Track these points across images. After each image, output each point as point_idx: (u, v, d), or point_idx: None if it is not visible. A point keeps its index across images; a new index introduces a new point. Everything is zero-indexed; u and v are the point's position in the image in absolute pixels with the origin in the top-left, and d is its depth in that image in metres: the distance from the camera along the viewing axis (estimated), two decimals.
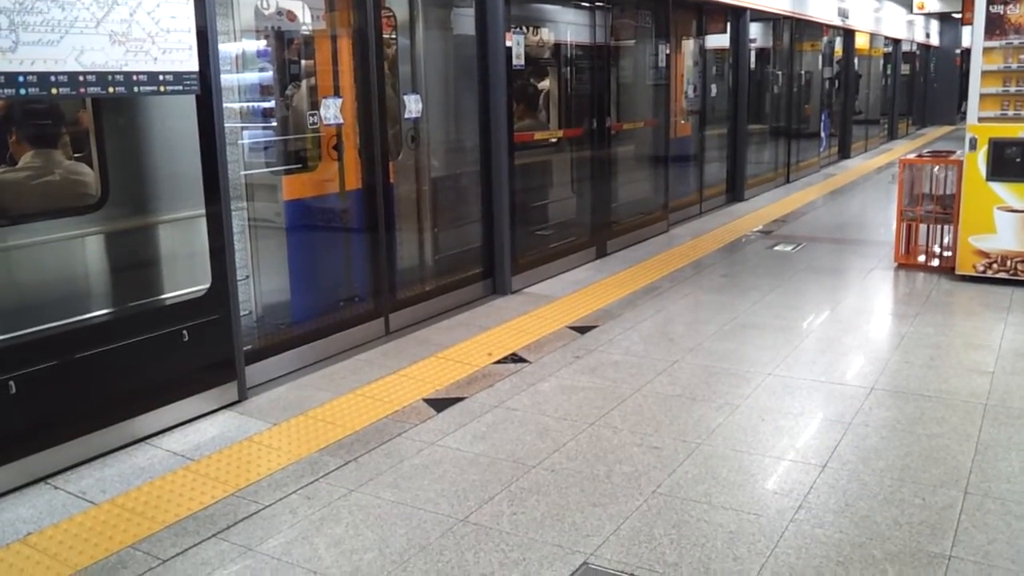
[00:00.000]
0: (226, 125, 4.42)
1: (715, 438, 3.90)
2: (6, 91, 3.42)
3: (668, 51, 9.02)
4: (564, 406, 4.31)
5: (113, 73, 3.76)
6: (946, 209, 7.10)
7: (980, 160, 6.54)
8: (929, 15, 23.65)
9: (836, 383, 4.59)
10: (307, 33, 5.45)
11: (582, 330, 5.57)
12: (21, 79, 3.45)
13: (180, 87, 4.06)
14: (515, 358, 5.06)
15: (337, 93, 5.28)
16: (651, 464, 3.65)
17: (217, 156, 4.25)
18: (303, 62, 5.48)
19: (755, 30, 11.53)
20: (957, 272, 6.74)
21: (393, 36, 5.94)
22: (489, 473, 3.61)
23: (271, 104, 5.17)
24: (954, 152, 7.47)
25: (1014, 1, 6.42)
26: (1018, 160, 6.43)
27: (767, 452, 3.78)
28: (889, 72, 20.70)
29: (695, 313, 6.04)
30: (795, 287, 6.70)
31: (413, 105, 5.79)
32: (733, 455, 3.74)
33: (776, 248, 8.15)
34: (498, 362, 5.00)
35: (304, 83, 5.47)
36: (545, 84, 8.10)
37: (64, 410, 3.73)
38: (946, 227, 7.16)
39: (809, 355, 5.04)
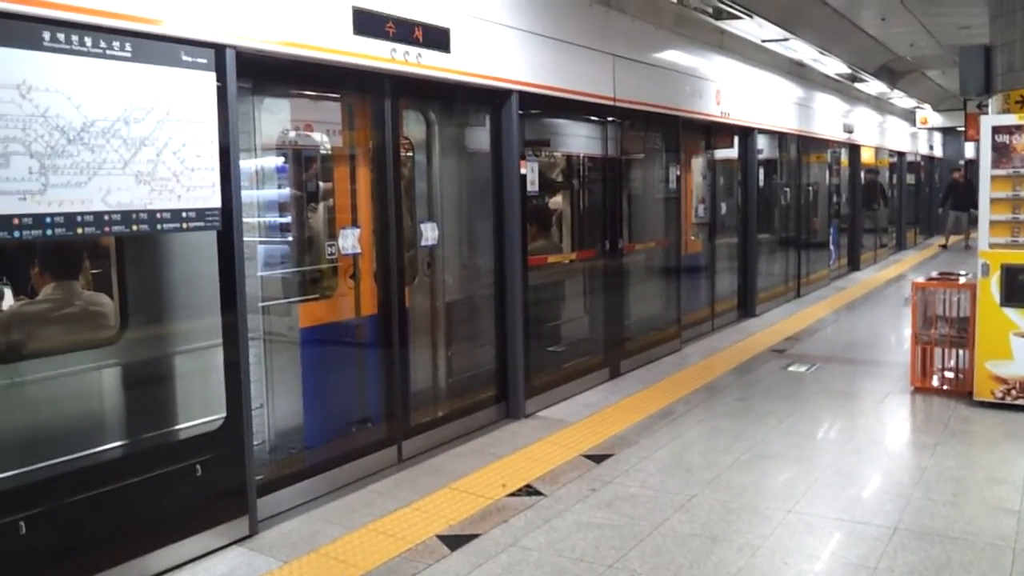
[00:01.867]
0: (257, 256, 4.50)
1: None
2: (33, 232, 3.47)
3: (679, 172, 9.17)
4: (580, 546, 4.22)
5: (137, 211, 3.84)
6: (961, 332, 7.09)
7: (993, 286, 6.56)
8: (932, 129, 24.15)
9: (858, 522, 4.49)
10: (327, 185, 5.60)
11: (597, 459, 5.50)
12: (48, 220, 3.52)
13: (202, 223, 4.13)
14: (530, 490, 4.98)
15: (355, 223, 5.36)
16: None
17: (236, 289, 4.29)
18: (320, 191, 5.61)
19: (762, 141, 11.76)
20: (975, 398, 6.68)
21: (410, 155, 6.07)
22: None
23: (290, 239, 5.28)
24: (962, 272, 7.52)
25: (1019, 132, 6.54)
26: None
27: None
28: (895, 183, 21.00)
29: (711, 441, 5.97)
30: (811, 412, 6.64)
31: (429, 233, 5.88)
32: None
33: (790, 368, 8.11)
34: (512, 494, 4.92)
35: (322, 206, 5.58)
36: (558, 203, 8.23)
37: (74, 550, 3.67)
38: (962, 351, 7.13)
39: (829, 490, 4.95)
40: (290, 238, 5.41)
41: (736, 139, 11.29)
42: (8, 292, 4.23)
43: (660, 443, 5.84)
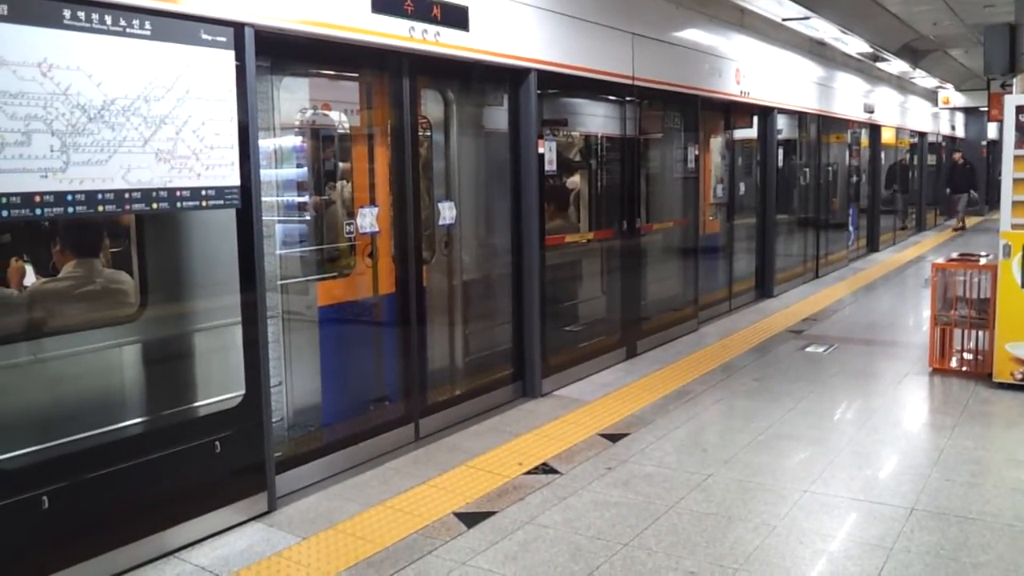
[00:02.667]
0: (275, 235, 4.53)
1: (753, 563, 3.81)
2: (55, 209, 3.50)
3: (697, 152, 9.12)
4: (597, 524, 4.24)
5: (157, 189, 3.86)
6: (981, 314, 7.04)
7: (1015, 267, 6.50)
8: (955, 109, 23.88)
9: (875, 502, 4.48)
10: (345, 165, 5.63)
11: (613, 438, 5.51)
12: (70, 198, 3.55)
13: (221, 201, 4.15)
14: (546, 468, 5.00)
15: (373, 202, 5.37)
16: None
17: (255, 267, 4.31)
18: (338, 170, 5.62)
19: (781, 121, 11.66)
20: (994, 379, 6.64)
21: (428, 135, 6.06)
22: None
23: (307, 219, 5.30)
24: (983, 254, 7.46)
25: None
26: None
27: None
28: (915, 163, 20.81)
29: (728, 421, 5.97)
30: (829, 393, 6.62)
31: (447, 212, 5.88)
32: None
33: (808, 349, 8.08)
34: (529, 472, 4.94)
35: (339, 185, 5.60)
36: (576, 182, 8.21)
37: (96, 524, 3.72)
38: (981, 332, 7.08)
39: (846, 470, 4.95)
40: (308, 217, 5.43)
41: (755, 119, 11.22)
42: (30, 270, 4.27)
43: (676, 423, 5.85)
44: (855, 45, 13.90)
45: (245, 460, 4.32)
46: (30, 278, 4.34)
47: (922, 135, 21.15)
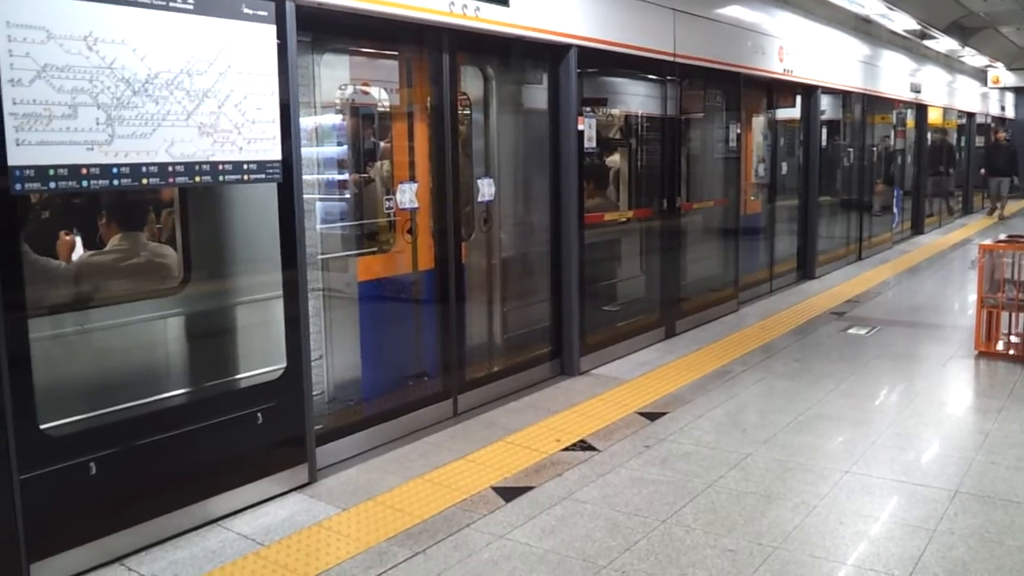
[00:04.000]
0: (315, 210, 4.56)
1: (792, 542, 3.78)
2: (100, 182, 3.55)
3: (739, 131, 9.01)
4: (635, 500, 4.23)
5: (200, 163, 3.89)
6: None
7: None
8: (1005, 89, 23.33)
9: (918, 484, 4.42)
10: (384, 141, 5.64)
11: (652, 416, 5.49)
12: (115, 171, 3.59)
13: (263, 175, 4.17)
14: (584, 445, 5.00)
15: (412, 179, 5.38)
16: (725, 569, 3.54)
17: (296, 241, 4.34)
18: (378, 146, 5.64)
19: (825, 101, 11.48)
20: None
21: (467, 112, 6.06)
22: (559, 572, 3.54)
23: (348, 195, 5.33)
24: None
25: None
26: None
27: (847, 559, 3.65)
28: (963, 145, 20.38)
29: (768, 401, 5.92)
30: (871, 375, 6.53)
31: (486, 189, 5.87)
32: (812, 562, 3.62)
33: (850, 331, 7.98)
34: (566, 449, 4.94)
35: (379, 162, 5.62)
36: (615, 160, 8.15)
37: (141, 491, 3.78)
38: None
39: (888, 452, 4.88)
40: (348, 194, 5.46)
41: (799, 98, 11.04)
42: (79, 243, 4.35)
43: (715, 402, 5.81)
44: (902, 22, 13.60)
45: (286, 432, 4.37)
46: (78, 251, 4.41)
47: (970, 116, 20.69)
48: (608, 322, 7.28)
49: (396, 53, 5.57)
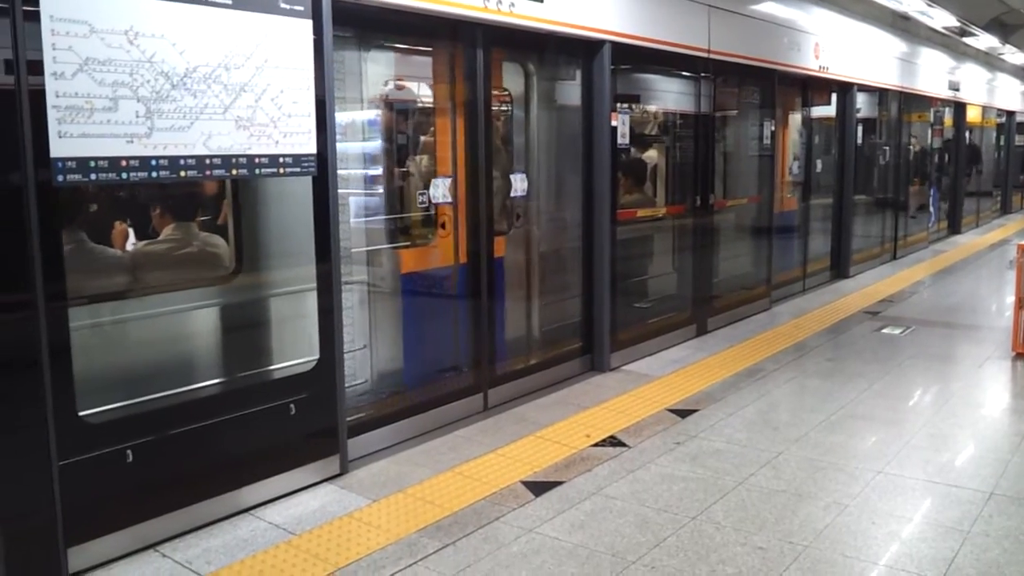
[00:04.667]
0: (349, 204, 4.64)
1: (823, 541, 3.76)
2: (139, 174, 3.60)
3: (773, 128, 8.94)
4: (664, 496, 4.23)
5: (237, 156, 3.94)
6: None
7: None
8: None
9: (952, 485, 4.38)
10: (419, 136, 5.69)
11: (682, 413, 5.48)
12: (154, 163, 3.64)
13: (298, 169, 4.21)
14: (614, 441, 5.00)
15: (447, 174, 5.41)
16: (755, 567, 3.53)
17: (330, 233, 4.38)
18: (412, 142, 5.68)
19: (861, 98, 11.35)
20: None
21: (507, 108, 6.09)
22: (588, 567, 3.55)
23: (381, 189, 5.39)
24: None
25: None
26: None
27: (879, 559, 3.62)
28: (1002, 143, 20.06)
29: (800, 400, 5.88)
30: (905, 375, 6.46)
31: (519, 184, 5.88)
32: (843, 561, 3.59)
33: (884, 331, 7.89)
34: (596, 445, 4.94)
35: (414, 157, 5.66)
36: (653, 156, 8.12)
37: (176, 479, 3.84)
38: None
39: (921, 452, 4.83)
40: (381, 189, 5.50)
41: (834, 95, 10.93)
42: (132, 233, 4.46)
43: (747, 400, 5.78)
44: (941, 19, 13.38)
45: (319, 423, 4.41)
46: (131, 240, 4.53)
47: (1010, 114, 20.36)
48: (639, 319, 7.27)
49: (430, 48, 5.59)
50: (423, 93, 5.71)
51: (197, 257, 4.48)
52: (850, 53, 10.59)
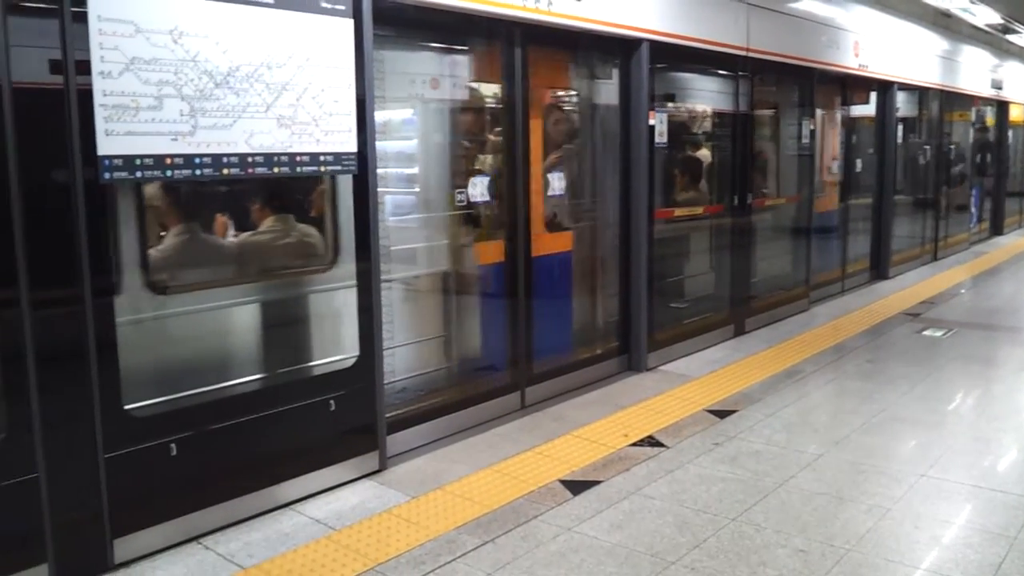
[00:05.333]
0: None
1: (865, 544, 3.71)
2: (183, 172, 3.64)
3: (812, 127, 8.85)
4: (703, 497, 4.20)
5: (278, 154, 3.97)
6: None
7: None
8: None
9: (997, 490, 4.30)
10: (458, 135, 5.72)
11: (721, 414, 5.44)
12: (198, 160, 3.69)
13: (339, 167, 4.25)
14: (652, 441, 4.97)
15: (484, 172, 5.42)
16: (797, 570, 3.50)
17: (370, 231, 4.40)
18: (451, 140, 5.70)
19: (901, 97, 11.19)
20: None
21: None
22: (627, 567, 3.54)
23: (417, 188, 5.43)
24: None
25: None
26: None
27: (922, 564, 3.57)
28: None
29: (840, 402, 5.81)
30: (947, 377, 6.37)
31: (556, 183, 5.88)
32: (885, 565, 3.54)
33: (925, 333, 7.78)
34: (634, 444, 4.92)
35: (450, 155, 5.68)
36: (705, 154, 8.05)
37: (219, 473, 3.88)
38: None
39: (965, 456, 4.76)
40: (417, 188, 5.52)
41: (874, 94, 10.79)
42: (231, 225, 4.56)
43: (786, 401, 5.72)
44: (984, 16, 13.18)
45: (358, 420, 4.44)
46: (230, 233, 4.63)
47: None
48: (676, 319, 7.22)
49: (468, 47, 5.60)
50: (461, 92, 5.70)
51: (295, 247, 4.60)
52: (890, 51, 10.46)
